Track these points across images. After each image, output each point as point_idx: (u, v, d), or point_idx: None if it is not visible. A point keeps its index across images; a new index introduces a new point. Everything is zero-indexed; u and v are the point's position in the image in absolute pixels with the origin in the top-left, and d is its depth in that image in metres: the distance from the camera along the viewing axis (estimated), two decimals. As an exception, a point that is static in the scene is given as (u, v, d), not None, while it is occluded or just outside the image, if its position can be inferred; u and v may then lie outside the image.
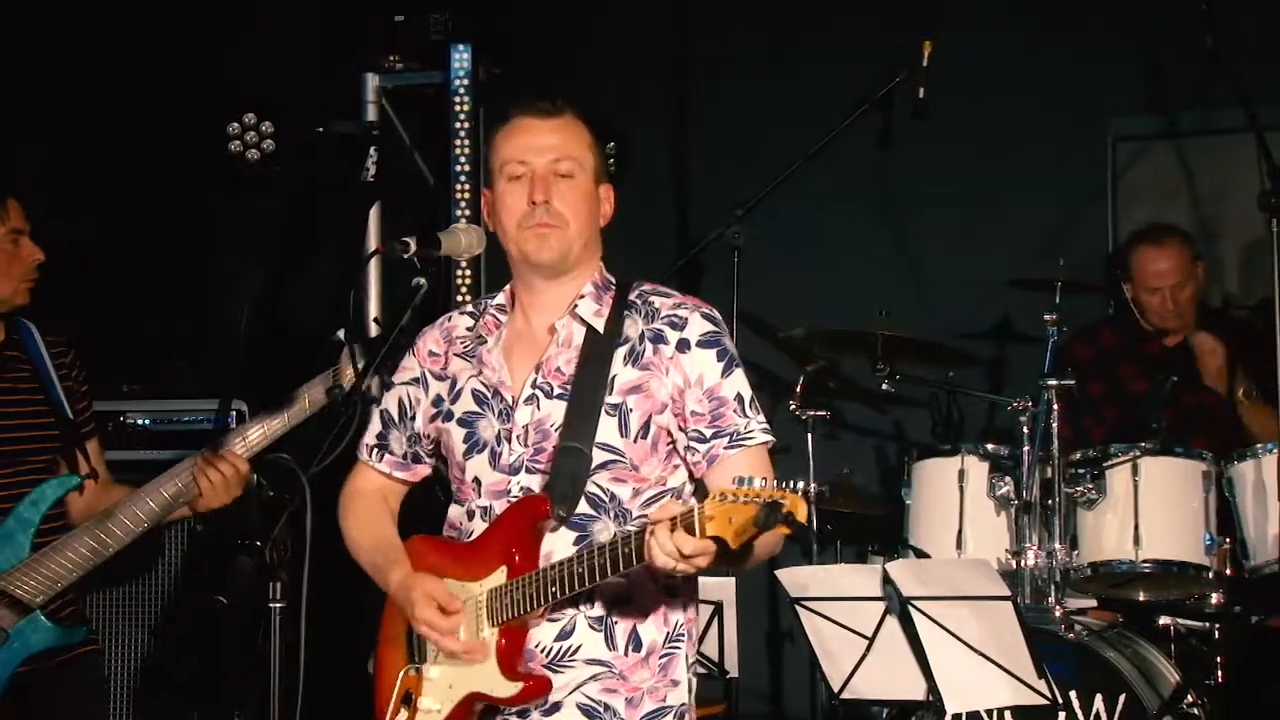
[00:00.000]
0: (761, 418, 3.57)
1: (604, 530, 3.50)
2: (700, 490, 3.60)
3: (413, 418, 3.77)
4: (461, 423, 3.64)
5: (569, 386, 3.55)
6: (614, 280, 3.69)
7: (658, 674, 3.58)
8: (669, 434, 3.58)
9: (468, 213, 7.07)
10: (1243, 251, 7.07)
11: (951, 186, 7.39)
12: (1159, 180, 7.42)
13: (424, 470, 3.84)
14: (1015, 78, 7.33)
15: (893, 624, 4.74)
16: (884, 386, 6.57)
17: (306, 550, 3.50)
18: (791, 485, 2.96)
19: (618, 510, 3.53)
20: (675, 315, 3.59)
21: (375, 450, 3.84)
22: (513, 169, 3.57)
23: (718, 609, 5.77)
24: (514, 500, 3.55)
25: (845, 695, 4.93)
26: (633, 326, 3.60)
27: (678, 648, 3.62)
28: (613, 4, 7.76)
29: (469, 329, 3.73)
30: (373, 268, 7.07)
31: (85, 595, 4.72)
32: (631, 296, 3.64)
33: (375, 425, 3.83)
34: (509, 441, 3.58)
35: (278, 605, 3.41)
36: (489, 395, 3.62)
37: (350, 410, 3.52)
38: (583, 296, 3.61)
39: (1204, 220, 7.15)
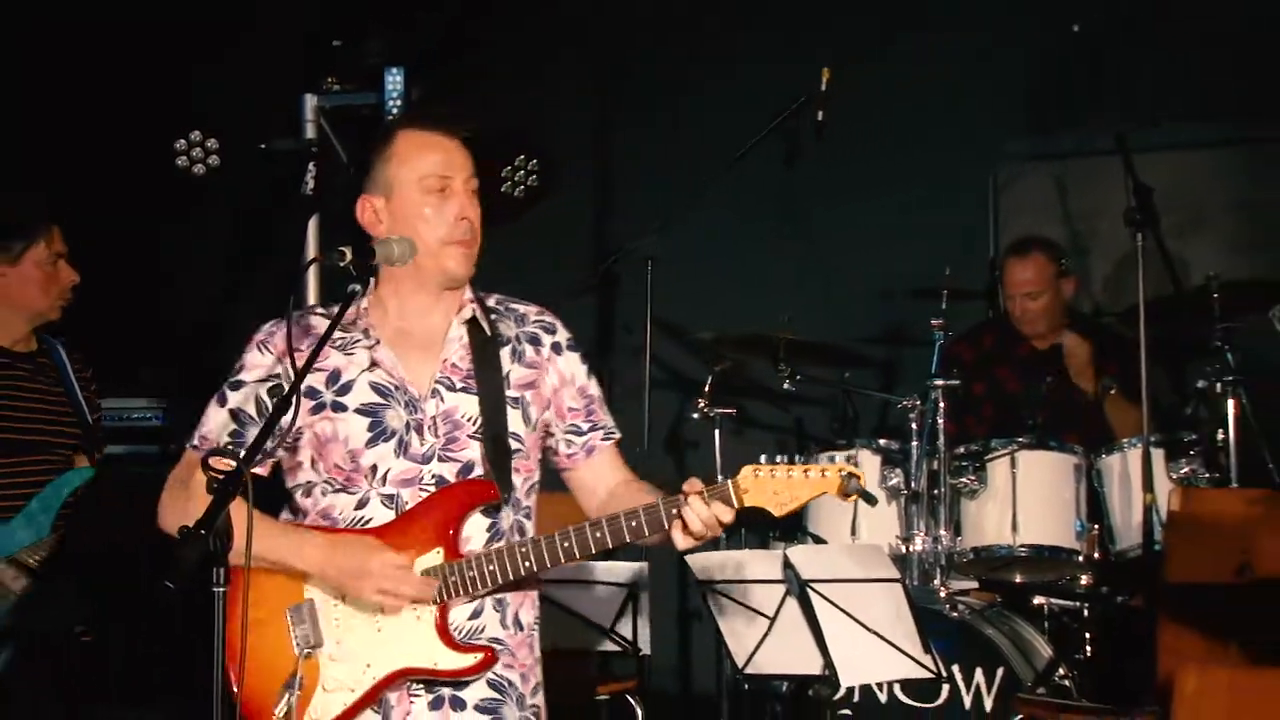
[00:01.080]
0: (612, 419, 3.70)
1: (506, 517, 3.53)
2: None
3: (284, 433, 3.51)
4: (361, 411, 3.51)
5: (470, 381, 3.55)
6: (473, 290, 3.67)
7: (530, 652, 3.62)
8: (549, 428, 3.64)
9: (399, 223, 7.04)
10: (1112, 264, 7.10)
11: (849, 202, 7.41)
12: (1036, 198, 7.48)
13: (270, 466, 3.59)
14: (908, 103, 7.36)
15: (793, 604, 4.75)
16: (785, 386, 6.60)
17: (250, 537, 3.43)
18: (840, 459, 3.20)
19: (514, 500, 3.54)
20: (543, 320, 3.68)
21: (229, 447, 3.54)
22: (432, 183, 3.53)
23: (631, 592, 5.75)
24: (428, 485, 3.48)
25: (749, 670, 4.93)
26: (507, 329, 3.64)
27: (536, 629, 3.65)
28: (538, 30, 7.73)
29: (343, 330, 3.54)
30: (311, 274, 7.01)
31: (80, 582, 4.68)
32: (491, 303, 3.67)
33: (227, 424, 3.57)
34: (419, 432, 3.51)
35: (221, 589, 3.34)
36: (390, 388, 3.53)
37: (285, 407, 3.46)
38: (471, 301, 3.62)
39: (1077, 235, 7.21)
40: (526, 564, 3.39)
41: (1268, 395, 6.06)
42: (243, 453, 3.29)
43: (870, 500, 3.29)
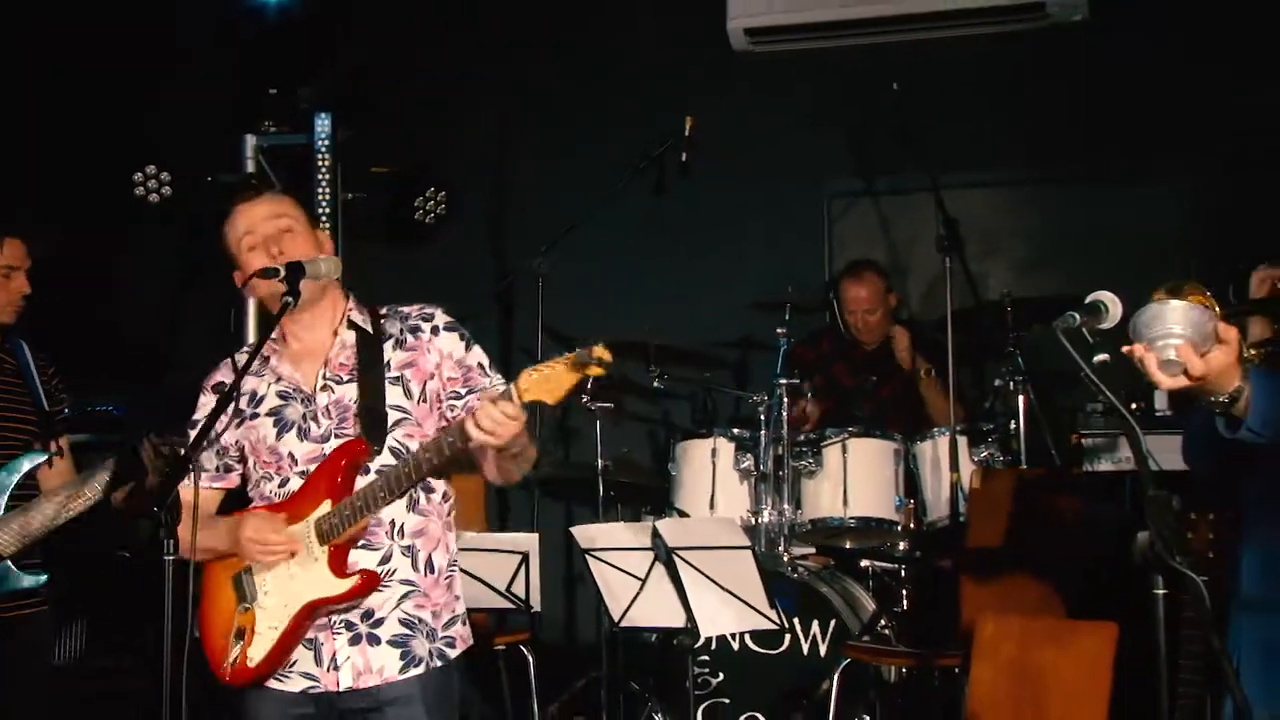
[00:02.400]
0: (499, 377, 3.69)
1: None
2: None
3: (218, 436, 3.68)
4: (269, 414, 3.66)
5: (354, 373, 3.64)
6: (366, 306, 3.75)
7: (447, 591, 3.67)
8: (439, 397, 3.67)
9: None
10: (925, 282, 7.17)
11: (707, 229, 7.42)
12: (862, 228, 7.51)
13: (235, 478, 3.77)
14: (757, 146, 7.37)
15: (660, 568, 4.76)
16: (655, 384, 6.62)
17: (196, 514, 3.44)
18: (596, 344, 3.26)
19: (403, 455, 3.59)
20: (423, 313, 3.73)
21: (177, 439, 3.72)
22: (246, 241, 3.65)
23: (524, 558, 5.73)
24: (329, 453, 3.60)
25: (623, 624, 4.94)
26: (393, 327, 3.71)
27: (454, 570, 3.72)
28: (446, 80, 7.68)
29: (259, 363, 3.69)
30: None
31: (47, 550, 4.60)
32: (383, 312, 3.75)
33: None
34: (314, 420, 3.63)
35: (170, 558, 3.33)
36: (290, 391, 3.66)
37: (227, 405, 3.52)
38: (351, 310, 3.71)
39: (896, 259, 7.26)
40: (381, 494, 3.49)
41: (1050, 392, 6.19)
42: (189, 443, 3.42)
43: (606, 368, 3.31)
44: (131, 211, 6.99)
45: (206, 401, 3.73)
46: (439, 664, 3.60)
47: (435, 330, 3.69)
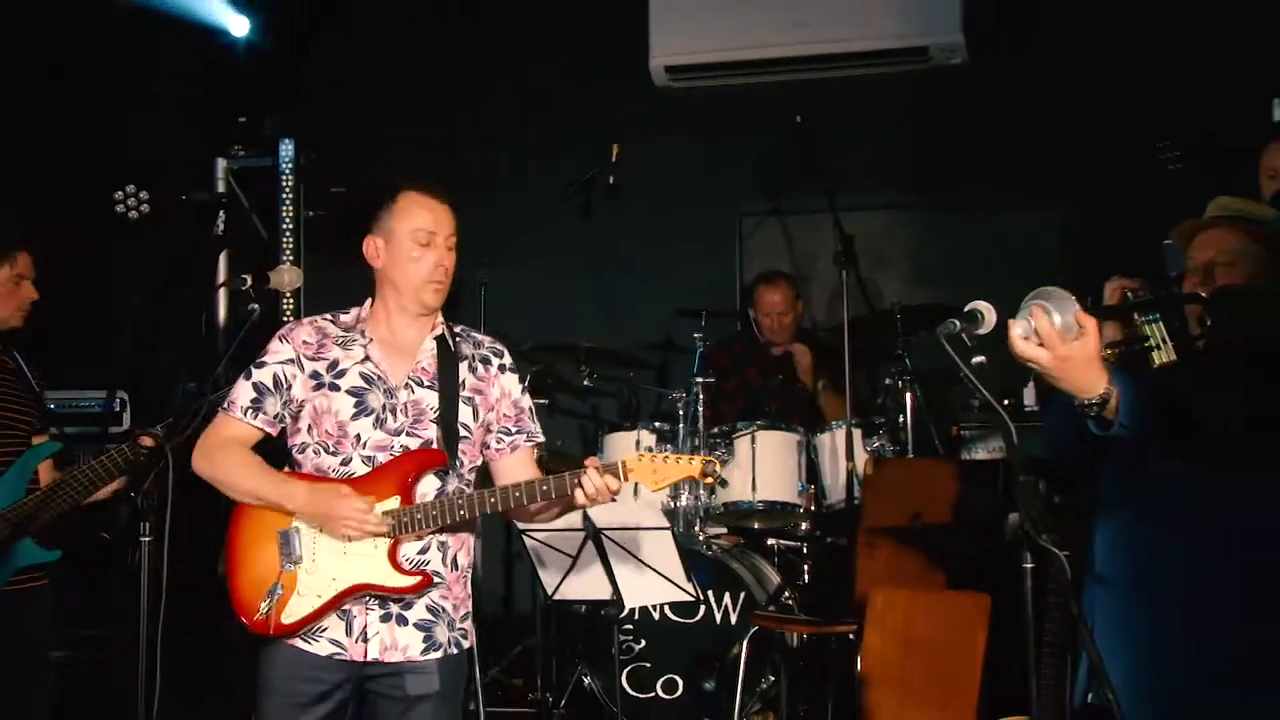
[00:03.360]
0: (539, 426, 3.71)
1: (452, 483, 3.54)
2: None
3: (289, 387, 3.52)
4: (350, 392, 3.53)
5: (435, 381, 3.57)
6: (444, 320, 3.69)
7: (464, 588, 3.63)
8: (490, 428, 3.65)
9: (290, 258, 7.02)
10: (825, 293, 7.21)
11: (633, 244, 7.42)
12: (770, 243, 7.53)
13: (279, 429, 3.60)
14: (676, 171, 7.38)
15: (590, 547, 4.74)
16: (585, 383, 6.63)
17: (169, 500, 3.40)
18: (709, 454, 3.26)
19: (459, 473, 3.57)
20: (494, 348, 3.69)
21: (250, 410, 3.52)
22: (421, 237, 3.55)
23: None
24: (397, 453, 3.51)
25: (556, 597, 4.92)
26: (467, 349, 3.66)
27: (470, 571, 3.67)
28: (397, 107, 7.63)
29: (342, 331, 3.60)
30: (220, 296, 6.95)
31: (59, 528, 4.55)
32: (458, 330, 3.69)
33: (249, 393, 3.52)
34: (393, 413, 3.53)
35: (147, 539, 3.30)
36: (374, 378, 3.55)
37: (200, 402, 3.47)
38: (442, 323, 3.65)
39: (801, 272, 7.27)
40: (461, 511, 3.43)
41: (934, 390, 6.24)
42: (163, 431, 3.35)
43: (723, 484, 3.40)
44: (113, 225, 6.92)
45: (279, 349, 3.57)
46: (455, 651, 3.55)
47: (503, 369, 3.66)
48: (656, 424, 6.28)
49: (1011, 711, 3.90)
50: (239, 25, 7.43)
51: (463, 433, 3.55)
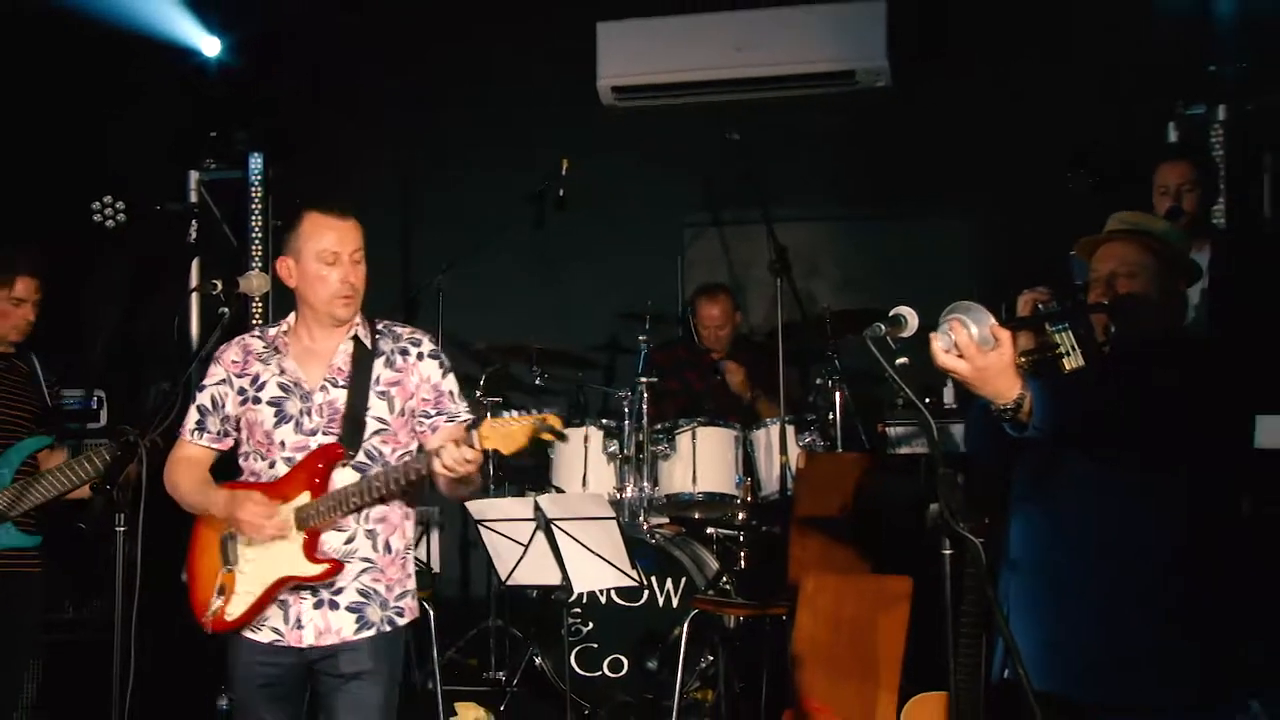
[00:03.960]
0: (464, 405, 3.70)
1: (375, 472, 3.55)
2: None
3: (224, 405, 3.63)
4: (270, 403, 3.59)
5: (349, 381, 3.59)
6: (366, 319, 3.69)
7: (401, 570, 3.65)
8: (413, 413, 3.65)
9: (259, 265, 6.99)
10: (761, 299, 7.22)
11: (582, 252, 7.42)
12: (709, 253, 7.55)
13: (230, 442, 3.70)
14: (622, 184, 7.38)
15: (540, 536, 4.75)
16: (537, 381, 6.62)
17: (143, 493, 3.39)
18: (544, 411, 3.32)
19: (383, 462, 3.58)
20: (413, 338, 3.70)
21: (195, 431, 3.67)
22: (327, 256, 3.55)
23: (427, 527, 5.71)
24: (310, 451, 3.56)
25: (510, 582, 4.92)
26: (386, 345, 3.67)
27: (409, 553, 3.69)
28: (362, 124, 7.59)
29: (264, 346, 3.65)
30: (193, 300, 6.89)
31: (42, 517, 4.60)
32: (379, 327, 3.70)
33: (194, 415, 3.67)
34: (309, 415, 3.57)
35: (122, 530, 3.27)
36: (291, 386, 3.60)
37: (173, 400, 3.46)
38: (358, 325, 3.65)
39: (738, 280, 7.30)
40: (354, 498, 3.47)
41: (861, 389, 6.26)
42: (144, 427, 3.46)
43: (561, 438, 3.42)
44: (91, 233, 6.88)
45: (214, 371, 3.66)
46: (388, 629, 3.57)
47: (420, 356, 3.66)
48: (603, 420, 6.29)
49: (932, 686, 3.92)
50: (211, 46, 7.39)
51: (378, 426, 3.57)
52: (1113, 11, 6.45)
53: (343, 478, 3.53)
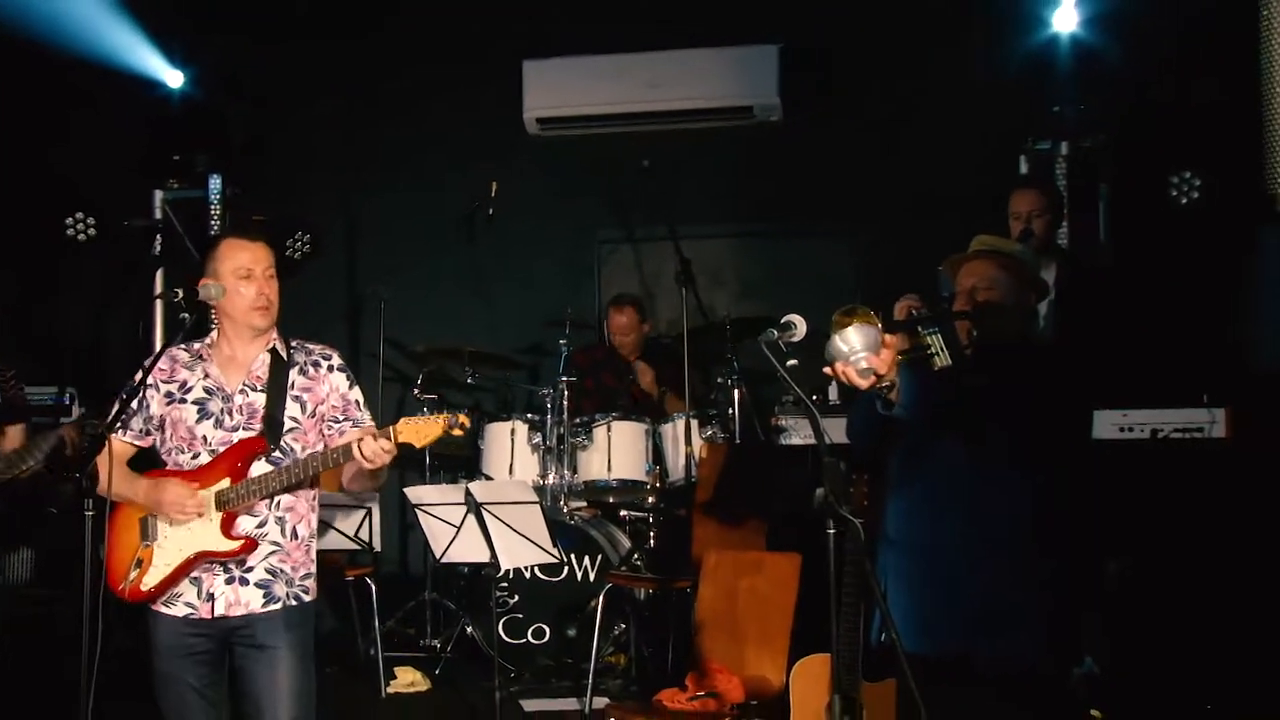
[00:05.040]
0: (369, 414, 3.69)
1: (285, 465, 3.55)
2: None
3: (149, 406, 3.57)
4: (195, 403, 3.56)
5: (265, 386, 3.58)
6: (282, 337, 3.67)
7: (305, 554, 3.62)
8: (324, 418, 3.63)
9: (217, 276, 6.82)
10: (669, 307, 7.21)
11: (509, 265, 7.36)
12: (623, 266, 7.54)
13: (150, 441, 3.63)
14: (545, 204, 7.36)
15: (472, 519, 4.70)
16: (469, 380, 6.57)
17: (110, 477, 3.33)
18: (459, 410, 3.39)
19: (294, 458, 3.56)
20: (324, 353, 3.69)
21: (120, 428, 3.60)
22: (242, 272, 3.55)
23: (369, 511, 5.64)
24: (233, 443, 3.54)
25: (444, 560, 4.86)
26: (300, 357, 3.66)
27: (313, 540, 3.66)
28: (311, 150, 7.47)
29: (189, 357, 3.62)
30: (157, 307, 6.76)
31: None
32: (294, 344, 3.68)
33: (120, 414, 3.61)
34: (229, 414, 3.55)
35: (90, 514, 3.21)
36: (214, 389, 3.57)
37: (136, 391, 3.41)
38: (275, 340, 3.64)
39: (648, 289, 7.30)
40: (272, 483, 3.47)
41: (757, 387, 6.31)
42: (107, 423, 3.42)
43: (469, 435, 3.43)
44: (64, 247, 6.76)
45: (138, 377, 3.58)
46: (294, 604, 3.55)
47: (331, 369, 3.64)
48: (529, 415, 6.25)
49: (817, 649, 3.95)
50: (174, 78, 7.30)
51: (290, 424, 3.56)
52: (974, 58, 6.54)
53: (259, 469, 3.52)
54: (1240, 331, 5.33)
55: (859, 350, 2.80)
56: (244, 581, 3.51)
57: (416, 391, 6.47)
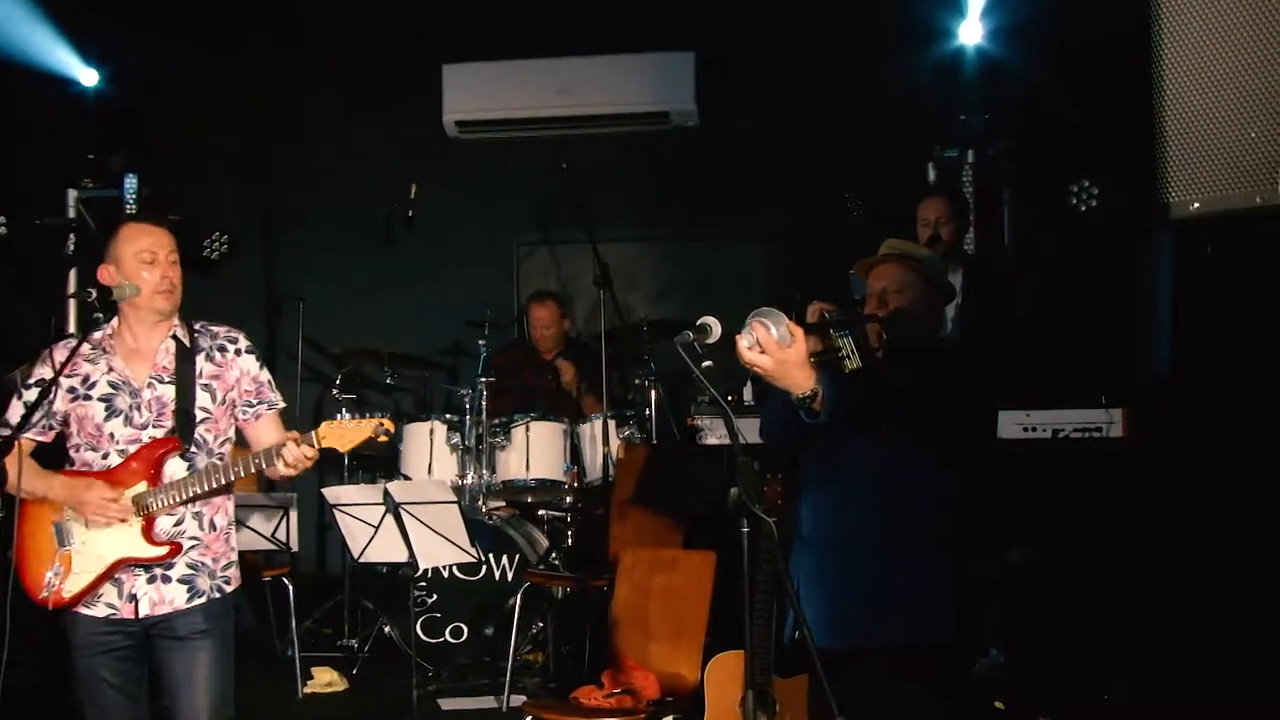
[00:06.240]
0: (279, 394, 3.63)
1: (202, 460, 3.46)
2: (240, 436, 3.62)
3: (52, 402, 3.43)
4: (101, 399, 3.44)
5: (174, 377, 3.47)
6: (184, 321, 3.57)
7: (225, 544, 3.55)
8: (235, 404, 3.56)
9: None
10: (588, 308, 7.20)
11: (428, 266, 7.30)
12: (541, 268, 7.51)
13: (52, 435, 3.50)
14: (465, 206, 7.31)
15: (390, 518, 4.67)
16: (388, 381, 6.51)
17: (19, 478, 3.26)
18: (381, 415, 3.36)
19: (207, 449, 3.49)
20: (229, 335, 3.61)
21: (21, 426, 3.44)
22: (145, 256, 3.45)
23: (286, 510, 5.54)
24: (145, 443, 3.43)
25: (362, 560, 4.84)
26: (205, 342, 3.56)
27: (231, 529, 3.59)
28: (230, 151, 7.33)
29: (90, 348, 3.48)
30: (70, 305, 6.57)
31: None
32: (197, 328, 3.58)
33: (19, 409, 3.44)
34: (138, 410, 3.44)
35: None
36: (120, 383, 3.45)
37: (48, 391, 3.31)
38: (177, 326, 3.53)
39: (566, 292, 7.26)
40: (194, 488, 3.39)
41: (673, 388, 6.32)
42: (14, 426, 3.31)
43: (390, 435, 3.38)
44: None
45: (42, 371, 3.46)
46: (217, 595, 3.48)
47: (239, 352, 3.56)
48: (448, 415, 6.21)
49: (731, 646, 3.96)
50: (89, 77, 7.12)
51: (201, 416, 3.46)
52: (885, 68, 6.62)
53: (173, 466, 3.43)
54: (1137, 335, 5.46)
55: (758, 317, 2.79)
56: (166, 579, 3.42)
57: (335, 392, 6.39)
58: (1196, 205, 3.10)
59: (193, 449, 3.45)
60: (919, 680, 3.13)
